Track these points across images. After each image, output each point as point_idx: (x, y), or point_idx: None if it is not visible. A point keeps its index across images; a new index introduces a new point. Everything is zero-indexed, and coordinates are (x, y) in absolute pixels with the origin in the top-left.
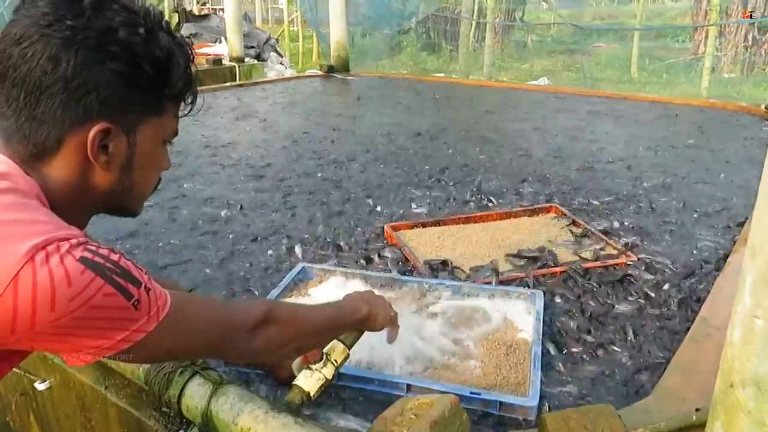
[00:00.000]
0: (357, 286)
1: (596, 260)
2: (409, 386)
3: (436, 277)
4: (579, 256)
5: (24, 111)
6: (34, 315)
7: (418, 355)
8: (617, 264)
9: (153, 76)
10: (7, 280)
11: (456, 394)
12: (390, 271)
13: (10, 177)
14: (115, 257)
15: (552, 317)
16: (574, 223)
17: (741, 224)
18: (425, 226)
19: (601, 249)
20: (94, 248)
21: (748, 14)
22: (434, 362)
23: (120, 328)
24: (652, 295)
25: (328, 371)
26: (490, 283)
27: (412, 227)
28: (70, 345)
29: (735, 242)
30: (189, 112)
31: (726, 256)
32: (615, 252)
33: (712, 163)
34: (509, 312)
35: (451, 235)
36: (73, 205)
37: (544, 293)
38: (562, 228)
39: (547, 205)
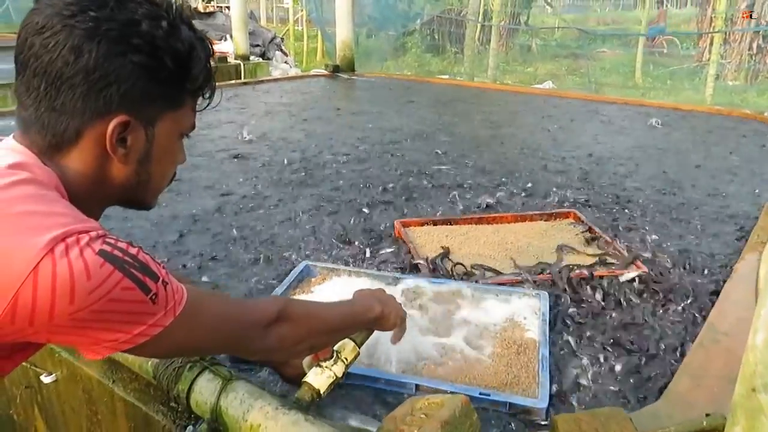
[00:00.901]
0: (361, 284)
1: (600, 268)
2: (417, 386)
3: (436, 273)
4: (586, 262)
5: (44, 101)
6: (53, 307)
7: (427, 353)
8: (621, 273)
9: (174, 70)
10: (27, 272)
11: (465, 395)
12: (392, 266)
13: (29, 167)
14: (133, 251)
15: (555, 321)
16: (590, 230)
17: (748, 231)
18: (436, 224)
19: (609, 257)
20: (113, 241)
21: (748, 14)
22: (443, 361)
23: (137, 322)
24: (655, 306)
25: (339, 369)
26: (495, 283)
27: (422, 224)
28: (88, 338)
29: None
30: (207, 106)
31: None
32: (622, 261)
33: (718, 171)
34: (516, 312)
35: (460, 235)
36: (89, 197)
37: (549, 296)
38: (576, 235)
39: (566, 210)
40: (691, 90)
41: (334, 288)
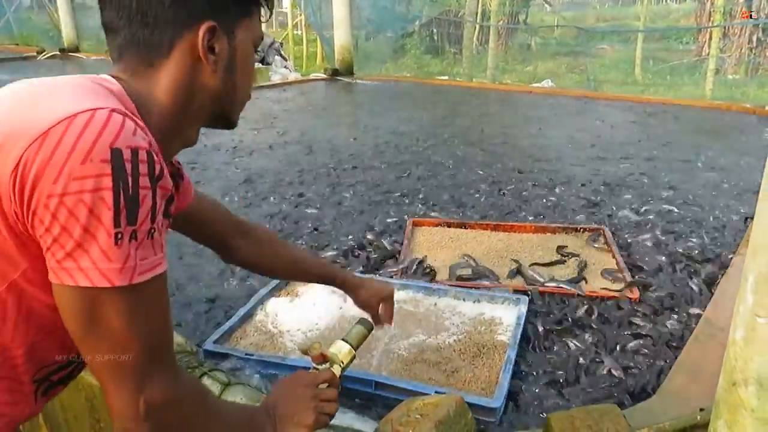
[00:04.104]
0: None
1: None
2: (377, 383)
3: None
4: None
5: (136, 18)
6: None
7: (396, 353)
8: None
9: None
10: (56, 119)
11: (421, 392)
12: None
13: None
14: (145, 180)
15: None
16: (607, 245)
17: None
18: (450, 226)
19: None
20: (144, 151)
21: (748, 14)
22: (405, 359)
23: (86, 250)
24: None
25: (335, 372)
26: (471, 287)
27: (436, 225)
28: (53, 238)
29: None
30: (269, 16)
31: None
32: (613, 284)
33: (720, 168)
34: (492, 315)
35: (467, 238)
36: (183, 111)
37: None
38: (590, 250)
39: (596, 226)
40: (692, 85)
41: (320, 291)
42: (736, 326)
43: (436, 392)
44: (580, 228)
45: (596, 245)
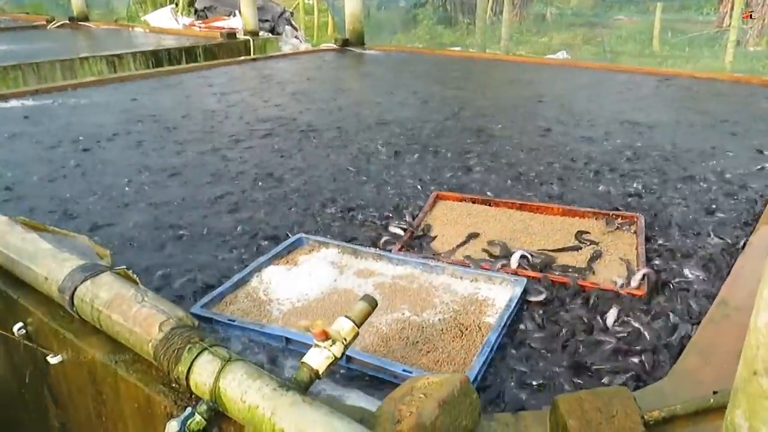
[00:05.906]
0: (348, 259)
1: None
2: (349, 358)
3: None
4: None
5: None
6: None
7: (377, 327)
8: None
9: None
10: None
11: (388, 369)
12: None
13: None
14: None
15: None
16: (635, 234)
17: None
18: (474, 202)
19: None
20: None
21: (748, 14)
22: (388, 336)
23: None
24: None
25: (337, 350)
26: (468, 265)
27: (460, 200)
28: None
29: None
30: None
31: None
32: (623, 277)
33: (739, 148)
34: (486, 295)
35: (487, 216)
36: None
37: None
38: (614, 239)
39: (630, 213)
40: (711, 57)
41: (320, 261)
42: (759, 311)
43: (403, 371)
44: (613, 214)
45: (624, 233)
